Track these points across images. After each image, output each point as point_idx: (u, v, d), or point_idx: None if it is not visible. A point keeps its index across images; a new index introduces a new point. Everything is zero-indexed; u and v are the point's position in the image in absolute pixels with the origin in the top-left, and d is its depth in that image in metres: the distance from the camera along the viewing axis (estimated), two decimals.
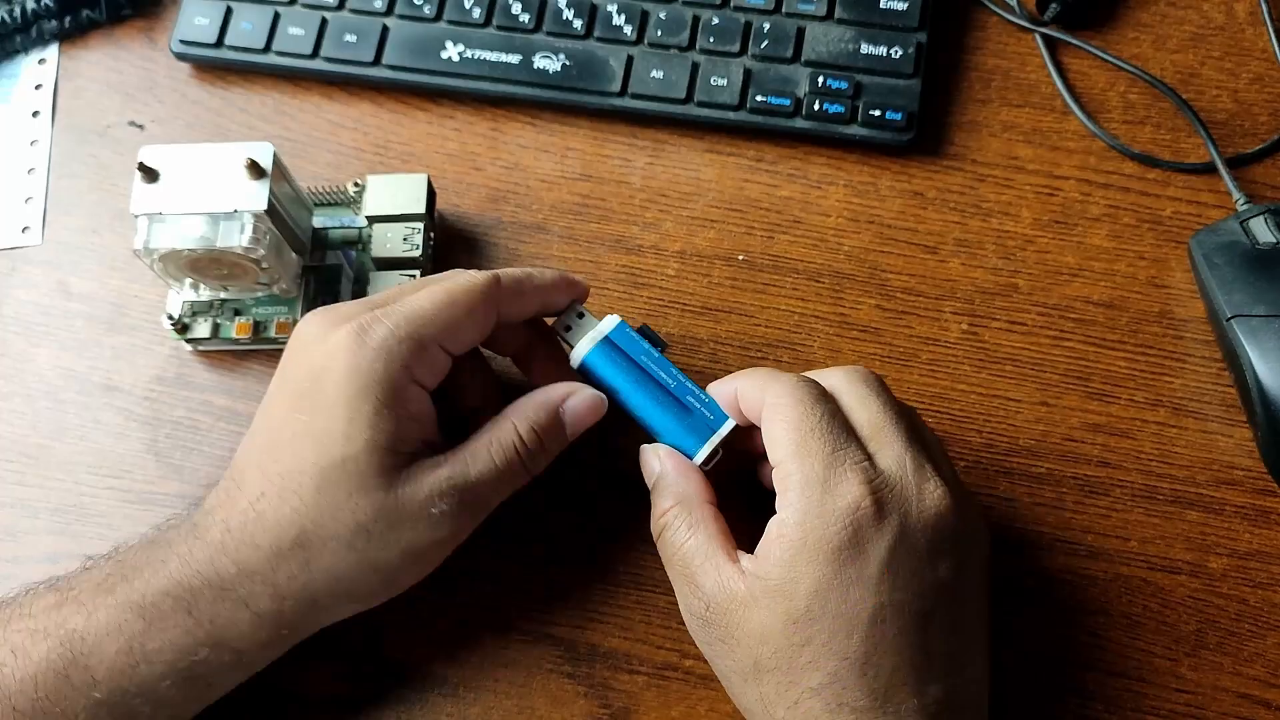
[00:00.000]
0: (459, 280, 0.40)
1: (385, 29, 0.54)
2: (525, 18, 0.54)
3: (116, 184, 0.53)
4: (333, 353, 0.38)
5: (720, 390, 0.42)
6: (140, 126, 0.55)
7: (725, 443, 0.42)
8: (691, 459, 0.41)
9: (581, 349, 0.43)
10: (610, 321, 0.43)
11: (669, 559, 0.40)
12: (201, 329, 0.49)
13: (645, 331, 0.43)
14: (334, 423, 0.37)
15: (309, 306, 0.49)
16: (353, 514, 0.37)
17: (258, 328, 0.49)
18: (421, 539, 0.38)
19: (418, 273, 0.48)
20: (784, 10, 0.53)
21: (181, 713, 0.39)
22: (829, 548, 0.36)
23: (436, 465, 0.39)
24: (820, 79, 0.52)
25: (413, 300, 0.39)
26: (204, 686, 0.38)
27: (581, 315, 0.44)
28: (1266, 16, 0.54)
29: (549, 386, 0.42)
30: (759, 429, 0.40)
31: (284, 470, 0.38)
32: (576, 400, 0.42)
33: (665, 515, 0.40)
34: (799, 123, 0.52)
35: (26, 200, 0.53)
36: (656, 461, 0.42)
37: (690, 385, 0.42)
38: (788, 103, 0.52)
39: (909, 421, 0.39)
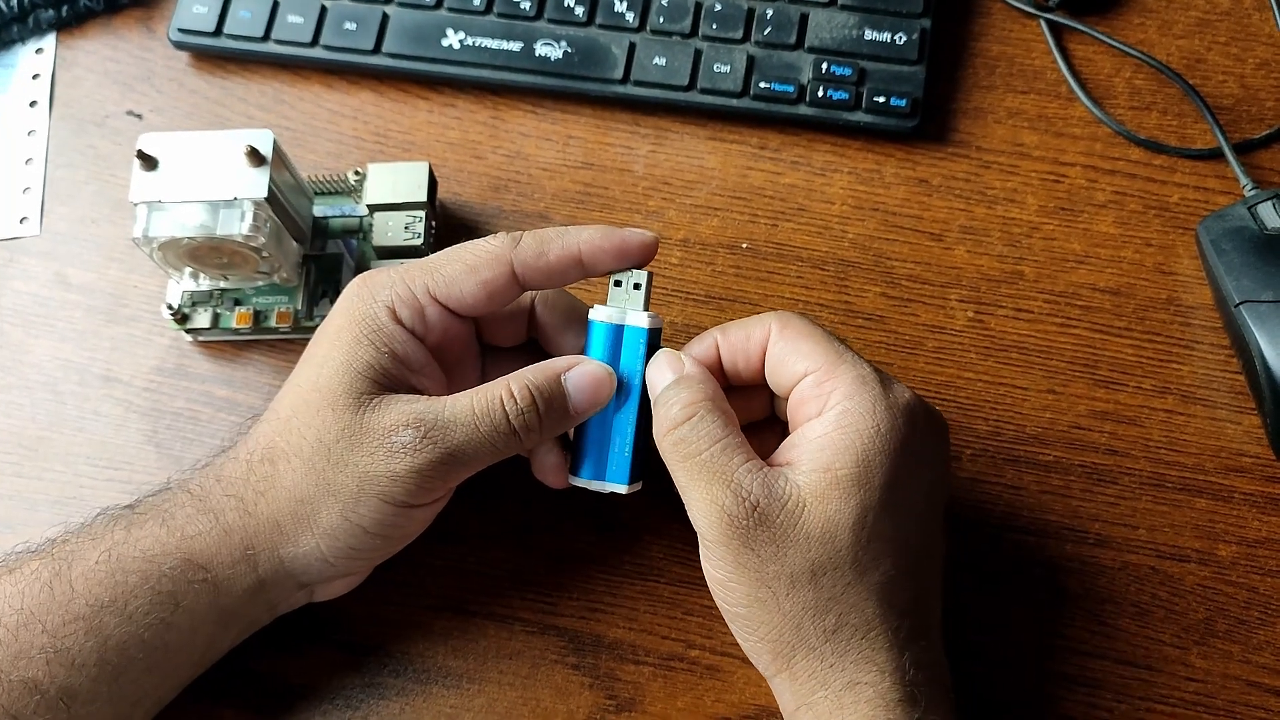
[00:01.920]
0: (474, 242, 0.40)
1: (385, 17, 0.54)
2: (526, 5, 0.53)
3: (115, 174, 0.53)
4: (339, 299, 0.40)
5: (699, 349, 0.40)
6: (138, 116, 0.54)
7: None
8: (578, 478, 0.41)
9: (597, 313, 0.40)
10: (639, 319, 0.40)
11: (695, 454, 0.37)
12: (201, 319, 0.48)
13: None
14: (318, 349, 0.39)
15: (309, 296, 0.48)
16: (317, 431, 0.38)
17: (258, 317, 0.48)
18: (378, 467, 0.37)
19: None
20: None
21: (151, 639, 0.38)
22: (899, 439, 0.36)
23: (413, 400, 0.38)
24: (824, 65, 0.52)
25: (430, 257, 0.40)
26: (172, 607, 0.38)
27: (639, 287, 0.40)
28: (1273, 1, 0.54)
29: (554, 358, 0.40)
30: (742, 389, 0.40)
31: (278, 395, 0.40)
32: (580, 370, 0.39)
33: (695, 406, 0.37)
34: (803, 110, 0.52)
35: (24, 190, 0.53)
36: (680, 363, 0.39)
37: (628, 433, 0.40)
38: (791, 89, 0.52)
39: None
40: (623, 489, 0.40)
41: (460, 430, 0.37)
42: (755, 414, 0.42)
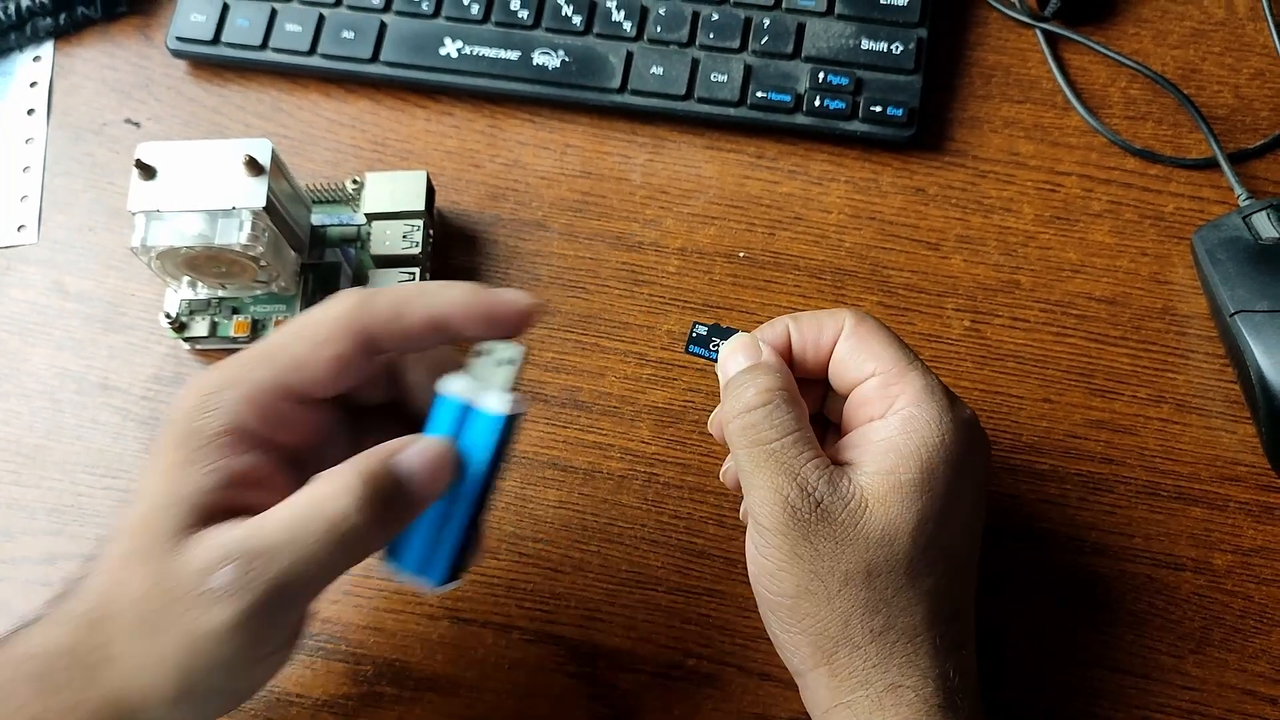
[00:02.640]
0: (317, 310, 0.34)
1: (383, 25, 0.54)
2: (524, 14, 0.54)
3: (113, 182, 0.53)
4: (172, 405, 0.34)
5: (770, 334, 0.39)
6: (136, 124, 0.54)
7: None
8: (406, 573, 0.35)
9: (448, 385, 0.35)
10: (494, 402, 0.34)
11: (764, 442, 0.36)
12: (199, 327, 0.48)
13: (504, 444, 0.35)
14: (147, 476, 0.33)
15: (307, 304, 0.48)
16: (137, 585, 0.32)
17: (256, 326, 0.48)
18: (198, 624, 0.30)
19: (417, 270, 0.48)
20: (784, 6, 0.53)
21: None
22: (960, 452, 0.36)
23: (231, 527, 0.31)
24: (821, 75, 0.52)
25: (265, 339, 0.35)
26: None
27: (507, 364, 0.35)
28: (1267, 11, 0.54)
29: (386, 442, 0.34)
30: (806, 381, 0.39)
31: (114, 526, 0.34)
32: (414, 451, 0.33)
33: (771, 393, 0.37)
34: (799, 119, 0.52)
35: (22, 199, 0.53)
36: (758, 350, 0.38)
37: (457, 529, 0.35)
38: (788, 99, 0.52)
39: None
40: (434, 588, 0.35)
41: (285, 553, 0.31)
42: (808, 409, 0.41)
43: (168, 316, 0.48)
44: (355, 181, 0.49)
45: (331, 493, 0.32)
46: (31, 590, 0.46)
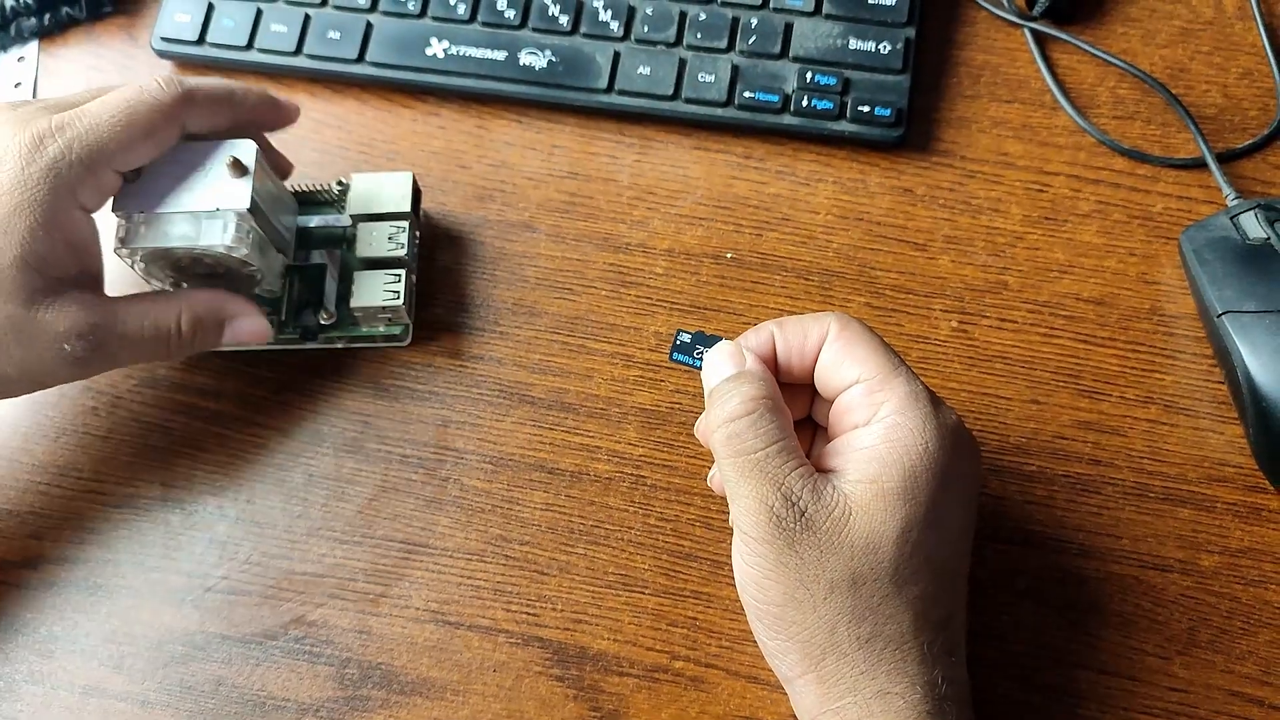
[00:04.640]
0: (144, 97, 0.41)
1: (369, 26, 0.54)
2: (511, 14, 0.53)
3: None
4: (3, 159, 0.39)
5: (755, 341, 0.39)
6: None
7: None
8: None
9: None
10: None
11: (749, 452, 0.36)
12: None
13: None
14: None
15: (293, 306, 0.48)
16: None
17: None
18: (45, 369, 0.40)
19: (403, 272, 0.48)
20: (772, 6, 0.53)
21: None
22: (944, 460, 0.36)
23: (86, 305, 0.40)
24: (808, 75, 0.52)
25: (92, 116, 0.40)
26: None
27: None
28: (1255, 11, 0.54)
29: (229, 297, 0.45)
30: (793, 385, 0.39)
31: None
32: (246, 323, 0.45)
33: (755, 403, 0.37)
34: (787, 119, 0.52)
35: None
36: (742, 357, 0.39)
37: None
38: (776, 99, 0.52)
39: None
40: None
41: (129, 346, 0.42)
42: (796, 414, 0.41)
43: None
44: (341, 183, 0.49)
45: (175, 325, 0.43)
46: (12, 595, 0.45)
